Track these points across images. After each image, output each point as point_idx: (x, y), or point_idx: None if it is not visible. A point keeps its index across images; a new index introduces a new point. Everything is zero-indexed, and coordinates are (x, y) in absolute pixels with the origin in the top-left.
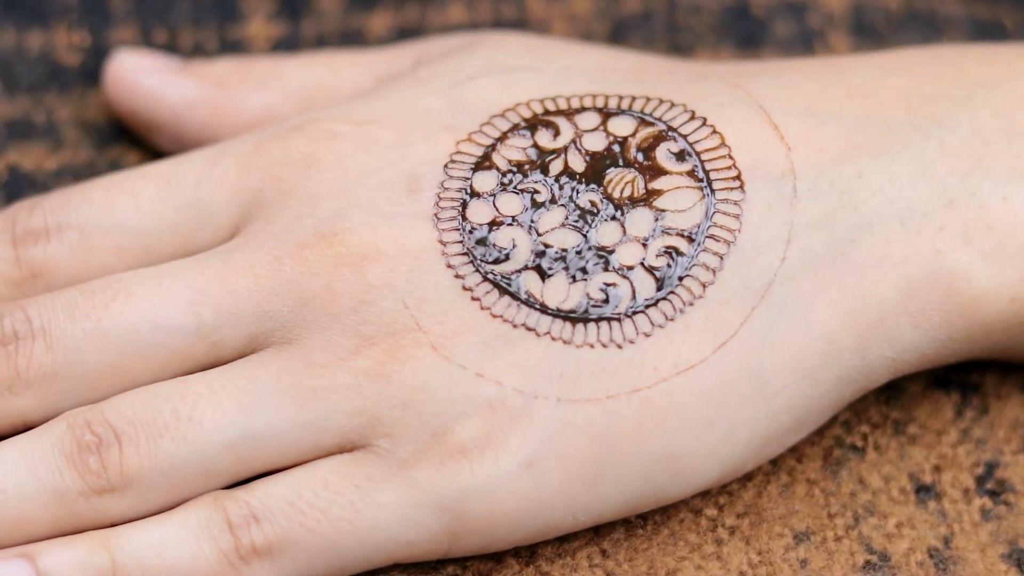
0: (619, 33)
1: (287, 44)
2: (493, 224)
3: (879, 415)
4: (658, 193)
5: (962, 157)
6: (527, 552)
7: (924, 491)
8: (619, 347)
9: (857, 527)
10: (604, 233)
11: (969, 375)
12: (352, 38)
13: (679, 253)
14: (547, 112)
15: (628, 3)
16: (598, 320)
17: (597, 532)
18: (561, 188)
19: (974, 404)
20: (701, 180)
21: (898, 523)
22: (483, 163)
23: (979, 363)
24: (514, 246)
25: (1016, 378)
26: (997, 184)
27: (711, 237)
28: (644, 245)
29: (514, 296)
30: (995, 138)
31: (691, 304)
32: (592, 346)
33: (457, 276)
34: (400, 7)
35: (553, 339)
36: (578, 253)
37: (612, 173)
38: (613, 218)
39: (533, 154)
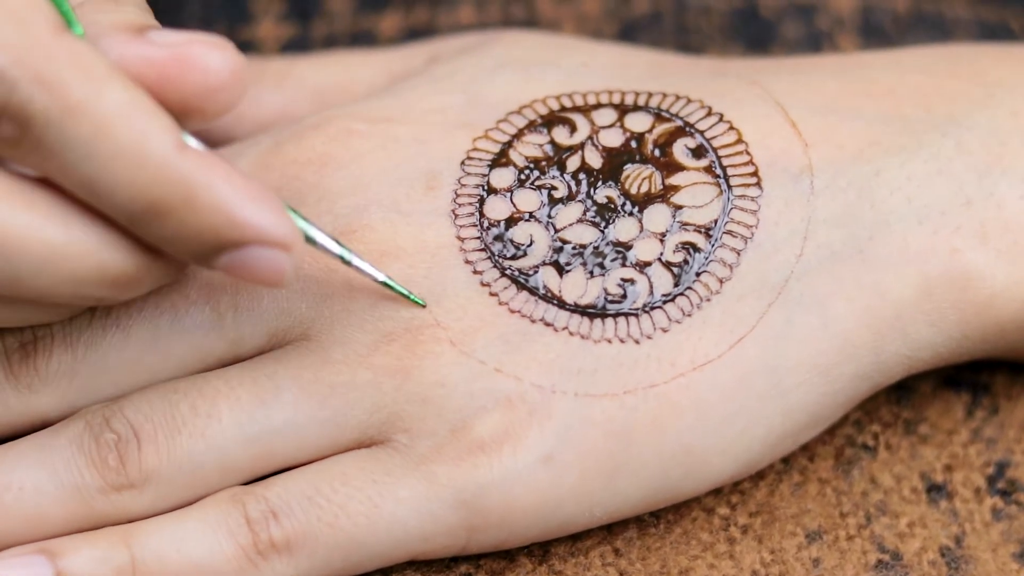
0: (628, 34)
1: (297, 45)
2: (511, 220)
3: (890, 415)
4: (675, 189)
5: (980, 156)
6: (540, 551)
7: (936, 490)
8: (636, 342)
9: (869, 526)
10: (621, 229)
11: (979, 375)
12: (362, 39)
13: (696, 249)
14: (564, 108)
15: (637, 4)
16: (615, 315)
17: (610, 531)
18: (578, 184)
19: (984, 404)
20: (718, 176)
21: (910, 522)
22: (500, 160)
23: (989, 363)
24: (532, 242)
25: None
26: (1015, 183)
27: (728, 233)
28: (661, 241)
29: (532, 291)
30: (1013, 137)
31: (708, 300)
32: (609, 341)
33: (475, 272)
34: (410, 8)
35: (571, 334)
36: (595, 249)
37: (629, 169)
38: (630, 214)
39: (550, 150)
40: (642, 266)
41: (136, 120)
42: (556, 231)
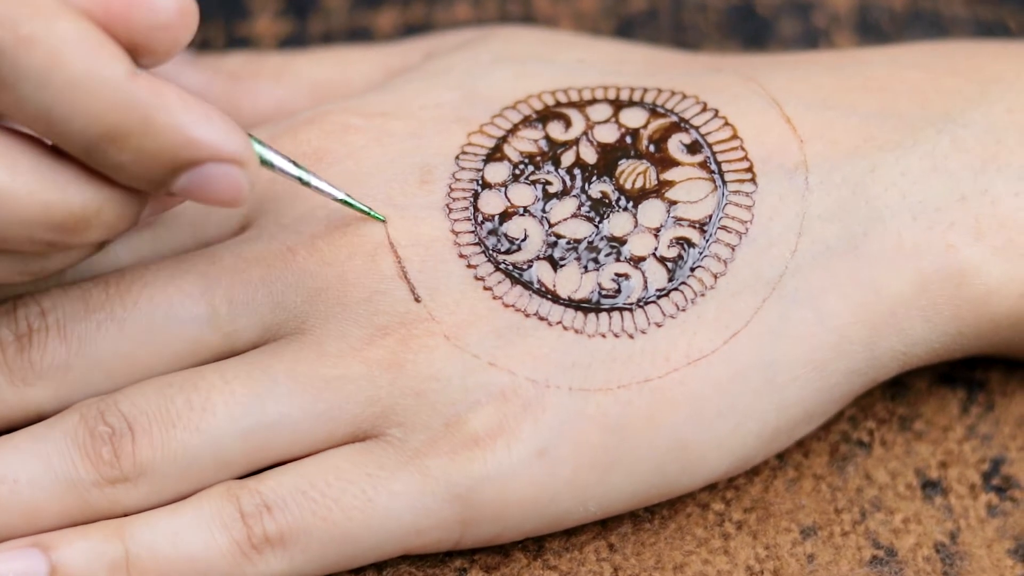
0: (625, 31)
1: (294, 41)
2: (505, 215)
3: (885, 411)
4: (670, 184)
5: (975, 153)
6: (535, 546)
7: (930, 487)
8: (631, 337)
9: (864, 522)
10: (616, 224)
11: (974, 372)
12: (359, 35)
13: (691, 244)
14: (559, 104)
15: (634, 1)
16: (610, 310)
17: (605, 526)
18: (573, 179)
19: (980, 401)
20: (713, 172)
21: (905, 518)
22: (495, 155)
23: (984, 360)
24: (526, 236)
25: (1021, 375)
26: (1010, 180)
27: (723, 228)
28: (656, 236)
29: (526, 286)
30: (1008, 134)
31: (703, 295)
32: (604, 336)
33: (469, 266)
34: (407, 4)
35: (565, 328)
36: (590, 243)
37: (624, 164)
38: (625, 209)
39: (545, 145)
40: (636, 261)
41: (87, 49)
42: (550, 226)
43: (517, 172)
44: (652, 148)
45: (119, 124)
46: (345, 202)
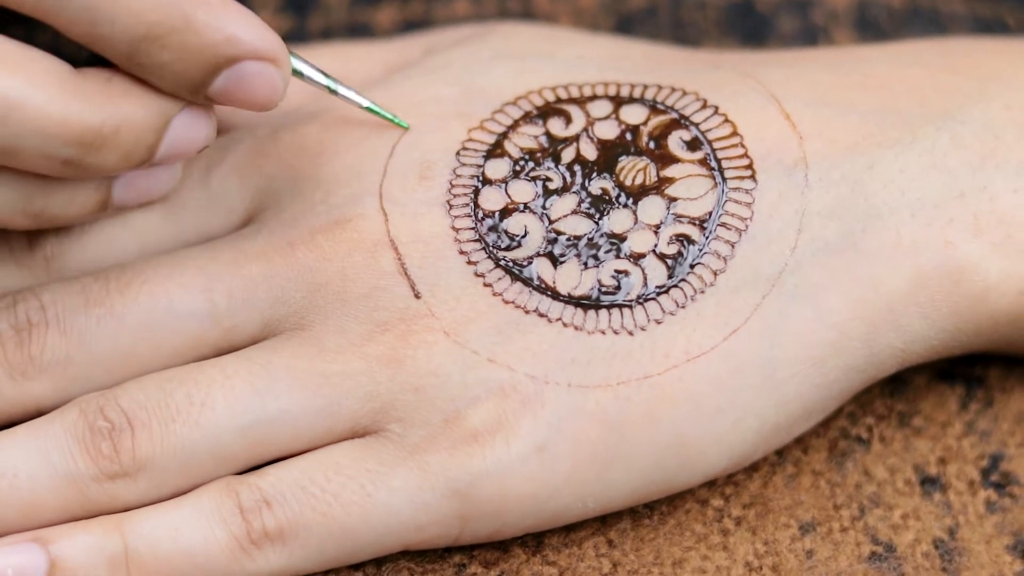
0: (624, 28)
1: (294, 37)
2: (505, 211)
3: (884, 407)
4: (670, 181)
5: (974, 150)
6: (534, 541)
7: (929, 483)
8: (630, 334)
9: (863, 518)
10: (616, 220)
11: (973, 368)
12: (358, 31)
13: (690, 241)
14: (559, 100)
15: None
16: (609, 307)
17: (604, 522)
18: (573, 176)
19: (979, 397)
20: (713, 168)
21: (903, 514)
22: (495, 151)
23: (983, 356)
24: (526, 233)
25: (1020, 371)
26: (1008, 177)
27: (723, 225)
28: (656, 233)
29: (526, 282)
30: (1007, 131)
31: (702, 292)
32: (603, 332)
33: (470, 262)
34: (406, 1)
35: (565, 325)
36: (590, 240)
37: (624, 161)
38: (625, 206)
39: (545, 142)
40: (636, 258)
41: None
42: (550, 222)
43: (517, 168)
44: (652, 145)
45: (160, 22)
46: (371, 110)
